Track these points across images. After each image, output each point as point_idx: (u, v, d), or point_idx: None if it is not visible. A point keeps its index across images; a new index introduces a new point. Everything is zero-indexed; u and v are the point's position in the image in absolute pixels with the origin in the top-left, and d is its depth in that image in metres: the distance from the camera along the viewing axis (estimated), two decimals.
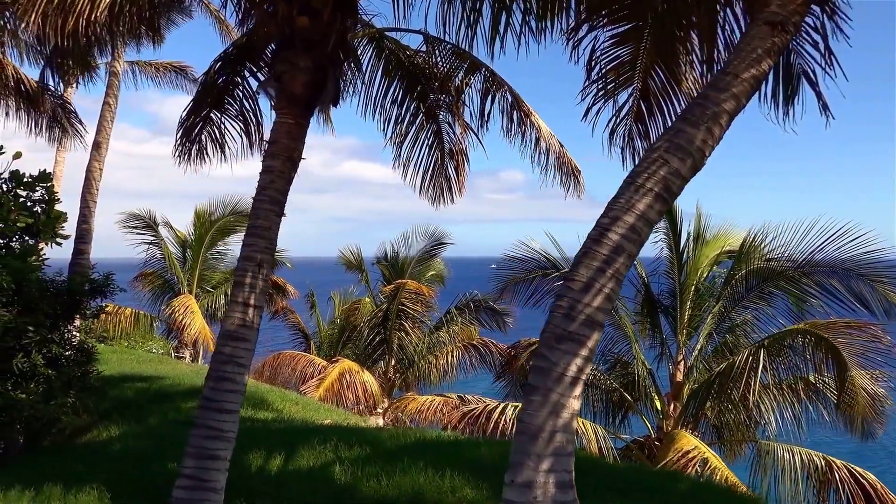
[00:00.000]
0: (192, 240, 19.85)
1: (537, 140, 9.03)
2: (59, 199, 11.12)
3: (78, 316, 10.24)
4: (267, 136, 9.03)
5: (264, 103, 8.74)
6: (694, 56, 6.94)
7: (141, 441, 8.68)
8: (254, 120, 8.80)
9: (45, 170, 11.45)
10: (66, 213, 10.86)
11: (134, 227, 19.13)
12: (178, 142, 8.56)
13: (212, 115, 8.70)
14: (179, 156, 8.52)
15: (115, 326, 17.93)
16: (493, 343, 18.40)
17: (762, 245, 12.71)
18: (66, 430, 9.08)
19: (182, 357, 18.96)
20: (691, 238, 13.80)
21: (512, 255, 14.15)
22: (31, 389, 8.59)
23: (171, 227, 20.25)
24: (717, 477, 9.40)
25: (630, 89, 7.63)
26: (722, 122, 3.77)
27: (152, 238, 19.41)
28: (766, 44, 3.87)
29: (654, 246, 14.20)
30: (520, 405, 12.92)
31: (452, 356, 18.19)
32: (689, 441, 10.61)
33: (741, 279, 12.60)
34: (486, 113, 8.81)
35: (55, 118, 16.19)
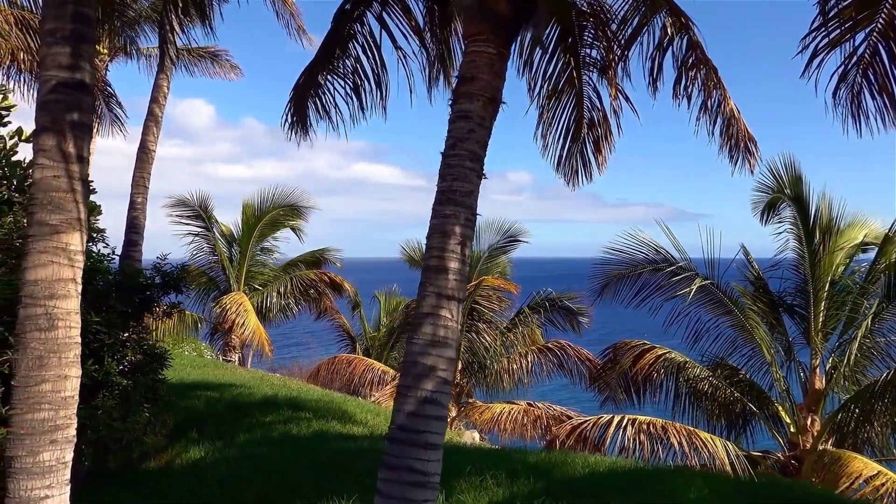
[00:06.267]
0: (240, 234, 18.23)
1: (718, 103, 7.41)
2: (94, 189, 9.68)
3: (147, 315, 8.73)
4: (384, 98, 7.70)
5: (389, 56, 7.20)
6: None
7: (239, 467, 7.13)
8: (370, 77, 7.26)
9: None
10: (100, 206, 9.45)
11: (181, 216, 17.51)
12: (288, 111, 7.08)
13: (320, 77, 7.20)
14: (290, 127, 7.02)
15: (157, 327, 16.34)
16: (569, 346, 16.81)
17: None
18: (149, 452, 7.54)
19: (230, 360, 17.42)
20: (819, 227, 12.17)
21: (615, 248, 12.53)
22: (106, 403, 7.07)
23: (217, 220, 18.66)
24: None
25: (867, 30, 6.08)
26: None
27: (200, 229, 17.80)
28: None
29: (777, 239, 12.61)
30: (639, 417, 11.33)
31: (526, 360, 16.61)
32: (865, 464, 9.00)
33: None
34: (656, 69, 7.20)
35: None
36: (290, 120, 6.96)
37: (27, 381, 4.00)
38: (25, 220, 7.62)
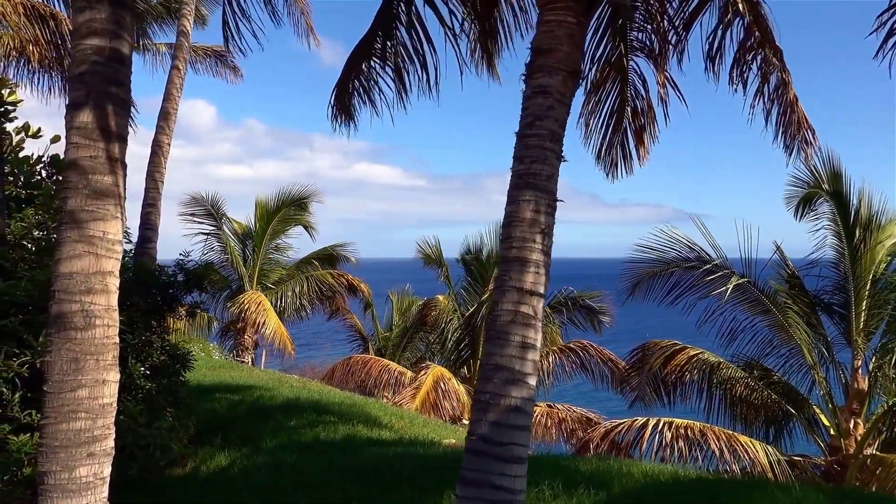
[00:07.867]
0: (254, 231, 17.77)
1: (777, 87, 6.95)
2: None
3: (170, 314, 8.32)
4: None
5: (434, 30, 6.77)
6: None
7: (270, 475, 6.69)
8: (414, 58, 6.85)
9: None
10: None
11: (193, 215, 17.06)
12: (333, 102, 6.74)
13: (361, 61, 6.82)
14: (335, 117, 6.68)
15: (173, 328, 15.89)
16: (591, 346, 16.38)
17: None
18: (174, 458, 7.10)
19: (243, 361, 16.98)
20: (859, 223, 11.71)
21: (646, 246, 12.06)
22: (132, 408, 6.63)
23: (230, 218, 18.25)
24: None
25: None
26: None
27: (212, 228, 17.37)
28: None
29: (813, 237, 12.14)
30: (675, 420, 10.88)
31: (548, 360, 16.16)
32: None
33: None
34: (715, 51, 6.74)
35: None
36: (334, 116, 6.61)
37: (61, 386, 3.57)
38: (44, 214, 7.20)
